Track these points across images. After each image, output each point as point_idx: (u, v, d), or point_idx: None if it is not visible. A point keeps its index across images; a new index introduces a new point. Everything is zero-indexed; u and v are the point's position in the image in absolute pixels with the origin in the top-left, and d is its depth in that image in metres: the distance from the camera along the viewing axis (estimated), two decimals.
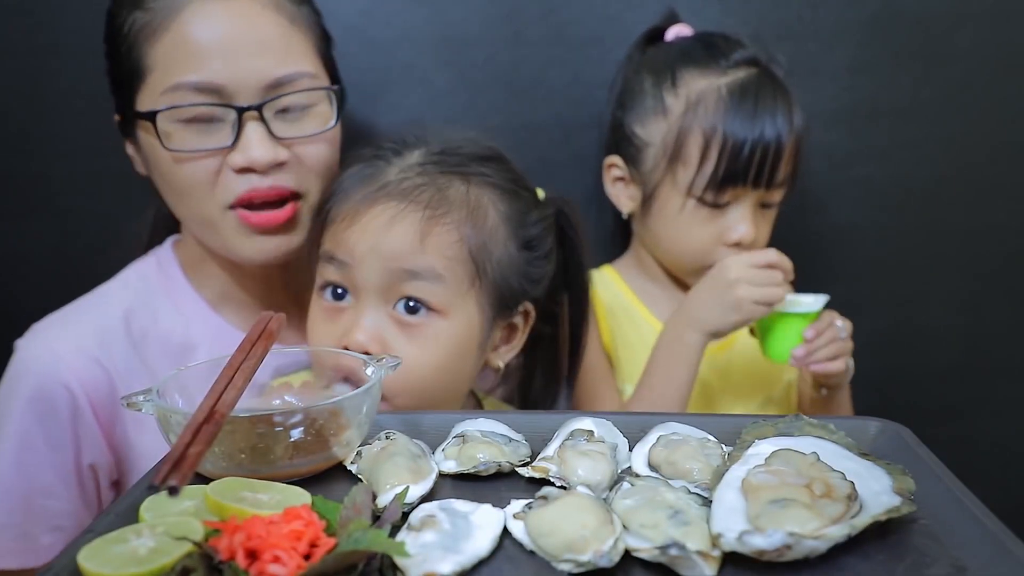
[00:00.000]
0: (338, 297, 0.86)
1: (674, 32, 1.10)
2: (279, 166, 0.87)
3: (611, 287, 1.13)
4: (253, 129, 0.84)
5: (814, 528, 0.50)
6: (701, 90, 1.01)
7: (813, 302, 0.99)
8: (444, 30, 1.18)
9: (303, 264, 0.92)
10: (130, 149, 0.93)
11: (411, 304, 0.83)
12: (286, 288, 1.00)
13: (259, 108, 0.84)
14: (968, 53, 1.21)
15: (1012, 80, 1.23)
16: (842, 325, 1.01)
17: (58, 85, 1.18)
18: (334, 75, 0.96)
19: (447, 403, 0.88)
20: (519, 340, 0.93)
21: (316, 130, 0.89)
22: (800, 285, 1.16)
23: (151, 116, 0.83)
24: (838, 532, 0.50)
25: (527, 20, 1.18)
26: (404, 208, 0.82)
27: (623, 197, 1.10)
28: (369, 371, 0.69)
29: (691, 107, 1.01)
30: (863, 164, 1.24)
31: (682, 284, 1.11)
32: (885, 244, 1.27)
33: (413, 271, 0.82)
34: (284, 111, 0.87)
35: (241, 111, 0.84)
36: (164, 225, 1.02)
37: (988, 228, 1.27)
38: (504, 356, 0.93)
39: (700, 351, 0.97)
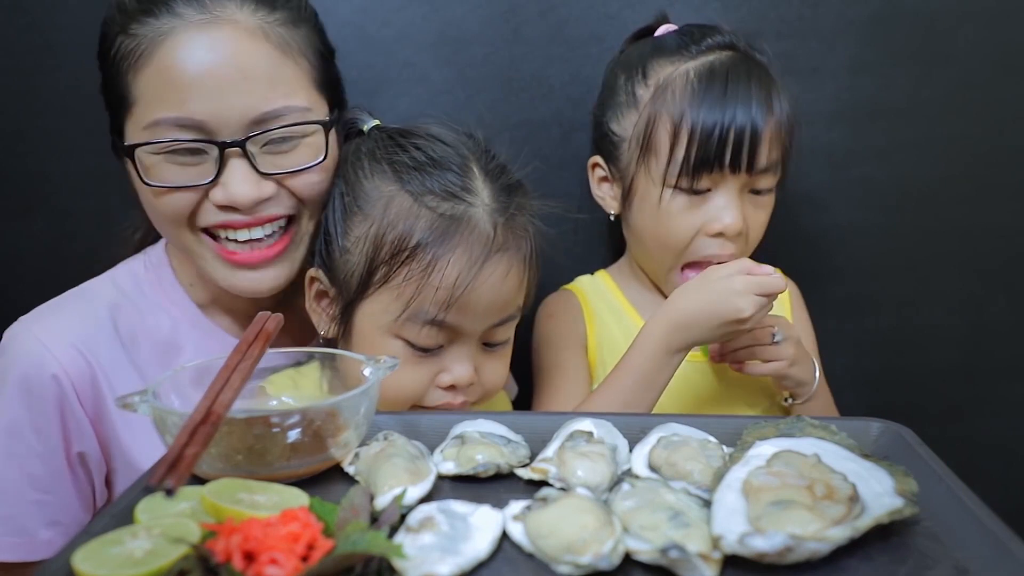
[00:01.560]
0: (426, 350, 0.86)
1: (662, 31, 1.07)
2: (263, 201, 0.84)
3: (604, 292, 1.11)
4: (236, 166, 0.82)
5: (816, 530, 0.49)
6: (668, 75, 0.98)
7: None
8: (442, 28, 1.18)
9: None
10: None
11: (493, 343, 0.89)
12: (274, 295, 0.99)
13: (242, 144, 0.81)
14: (968, 53, 1.21)
15: (1012, 80, 1.22)
16: (778, 331, 0.95)
17: (55, 84, 1.17)
18: (335, 96, 0.92)
19: None
20: None
21: (307, 163, 0.85)
22: (800, 285, 1.16)
23: (130, 151, 0.82)
24: (840, 534, 0.50)
25: (526, 18, 1.18)
26: (512, 262, 0.85)
27: (608, 198, 1.08)
28: (367, 372, 0.69)
29: (659, 93, 0.98)
30: (863, 164, 1.24)
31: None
32: (885, 244, 1.27)
33: (510, 316, 0.88)
34: (273, 143, 0.84)
35: (223, 146, 0.81)
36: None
37: (988, 228, 1.27)
38: None
39: (682, 360, 0.92)
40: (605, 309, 1.10)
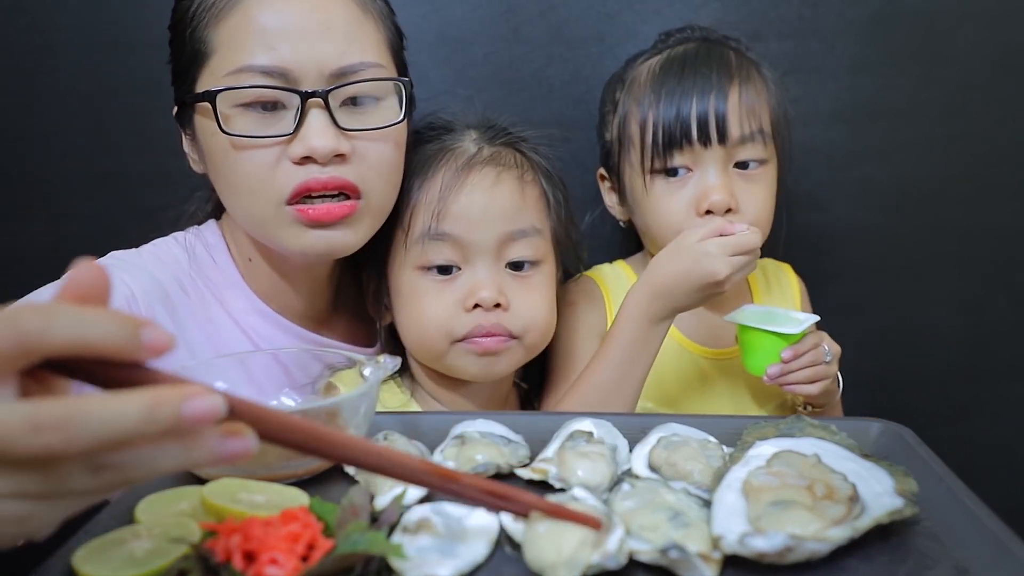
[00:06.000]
0: (445, 271, 0.90)
1: None
2: (340, 158, 0.83)
3: (624, 281, 1.10)
4: (316, 116, 0.81)
5: (815, 530, 0.49)
6: (637, 72, 1.03)
7: (803, 320, 0.93)
8: (442, 28, 1.18)
9: (347, 270, 0.96)
10: (187, 145, 0.90)
11: (515, 262, 0.91)
12: (329, 291, 0.99)
13: (324, 95, 0.81)
14: (968, 53, 1.21)
15: (1012, 80, 1.22)
16: (828, 349, 0.94)
17: (55, 84, 1.17)
18: (404, 74, 0.93)
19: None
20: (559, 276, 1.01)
21: (382, 124, 0.86)
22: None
23: (212, 96, 0.81)
24: (840, 534, 0.49)
25: (526, 17, 1.18)
26: (499, 172, 0.90)
27: (616, 206, 1.09)
28: (367, 372, 0.69)
29: (627, 90, 1.03)
30: (863, 164, 1.24)
31: None
32: (885, 244, 1.27)
33: (521, 230, 0.90)
34: (351, 103, 0.84)
35: (305, 96, 0.81)
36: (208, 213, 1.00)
37: (988, 228, 1.27)
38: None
39: (667, 330, 0.91)
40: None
